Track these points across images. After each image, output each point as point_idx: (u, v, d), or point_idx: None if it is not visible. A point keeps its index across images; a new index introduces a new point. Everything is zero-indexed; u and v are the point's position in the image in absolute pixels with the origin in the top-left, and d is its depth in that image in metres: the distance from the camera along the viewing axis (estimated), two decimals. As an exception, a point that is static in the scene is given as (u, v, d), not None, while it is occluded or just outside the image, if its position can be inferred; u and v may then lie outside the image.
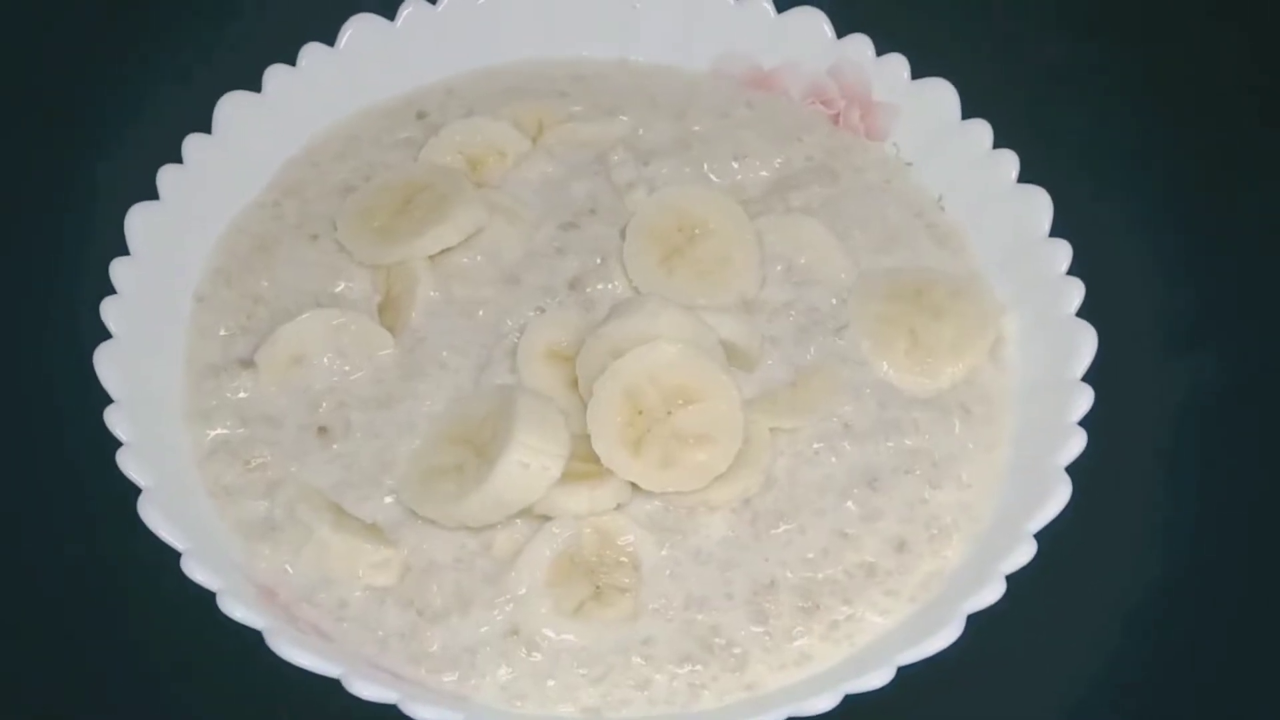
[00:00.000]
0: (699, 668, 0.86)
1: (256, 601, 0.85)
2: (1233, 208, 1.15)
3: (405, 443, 0.93)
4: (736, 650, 0.87)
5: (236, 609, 0.81)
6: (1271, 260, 1.13)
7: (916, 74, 1.09)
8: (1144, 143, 1.19)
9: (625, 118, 1.10)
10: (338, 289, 1.01)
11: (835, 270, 1.02)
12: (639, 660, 0.86)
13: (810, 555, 0.90)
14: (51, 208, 1.10)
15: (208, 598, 0.82)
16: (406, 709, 0.79)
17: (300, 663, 0.80)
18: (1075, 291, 0.97)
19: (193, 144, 1.03)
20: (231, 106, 1.06)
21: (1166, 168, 1.17)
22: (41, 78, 1.20)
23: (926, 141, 1.08)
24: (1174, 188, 1.16)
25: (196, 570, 0.82)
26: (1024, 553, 0.85)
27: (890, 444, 0.95)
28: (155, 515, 0.84)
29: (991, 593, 0.84)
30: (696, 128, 1.10)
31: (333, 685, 0.81)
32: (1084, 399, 0.91)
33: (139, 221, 0.99)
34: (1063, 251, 0.99)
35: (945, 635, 0.82)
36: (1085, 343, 0.94)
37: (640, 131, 1.09)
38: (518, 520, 0.90)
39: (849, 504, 0.92)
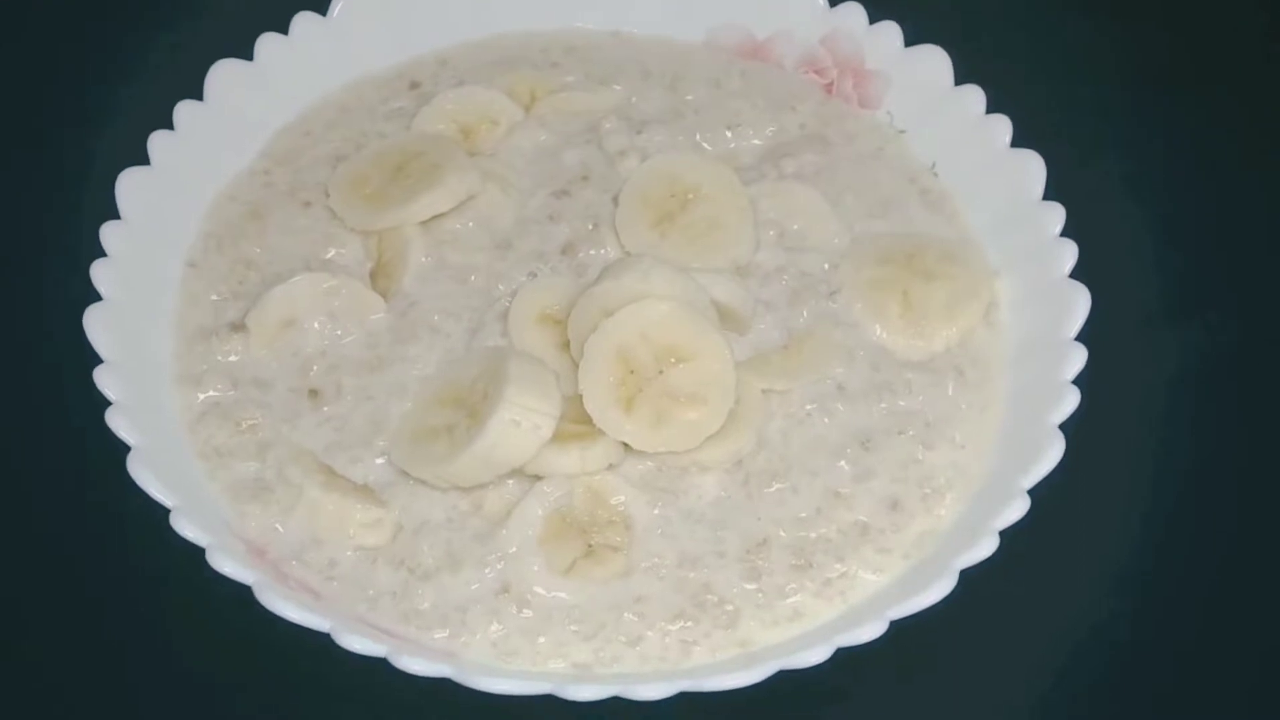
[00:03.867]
0: (690, 624, 0.86)
1: (246, 559, 0.85)
2: (1227, 172, 1.15)
3: (396, 405, 0.93)
4: (729, 607, 0.87)
5: (225, 564, 0.81)
6: (1263, 224, 1.13)
7: (909, 41, 1.09)
8: (1137, 106, 1.18)
9: (618, 87, 1.11)
10: (329, 255, 1.01)
11: (828, 235, 1.02)
12: (631, 617, 0.86)
13: (803, 514, 0.90)
14: (43, 171, 1.10)
15: (197, 555, 0.82)
16: (396, 662, 0.79)
17: (289, 616, 0.79)
18: (1068, 253, 0.97)
19: (184, 110, 1.03)
20: (223, 74, 1.06)
21: (1160, 132, 1.16)
22: (32, 41, 1.20)
23: (919, 109, 1.08)
24: (1168, 152, 1.15)
25: (186, 527, 0.82)
26: (1017, 508, 0.85)
27: (883, 405, 0.95)
28: (145, 473, 0.84)
29: (984, 548, 0.83)
30: (689, 97, 1.10)
31: (322, 642, 0.80)
32: (1077, 358, 0.91)
33: (130, 186, 0.98)
34: (1055, 215, 0.99)
35: (937, 589, 0.81)
36: (1078, 303, 0.94)
37: (633, 100, 1.10)
38: (509, 480, 0.89)
39: (842, 464, 0.92)
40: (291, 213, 1.03)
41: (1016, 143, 1.03)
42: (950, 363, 0.97)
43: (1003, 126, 1.03)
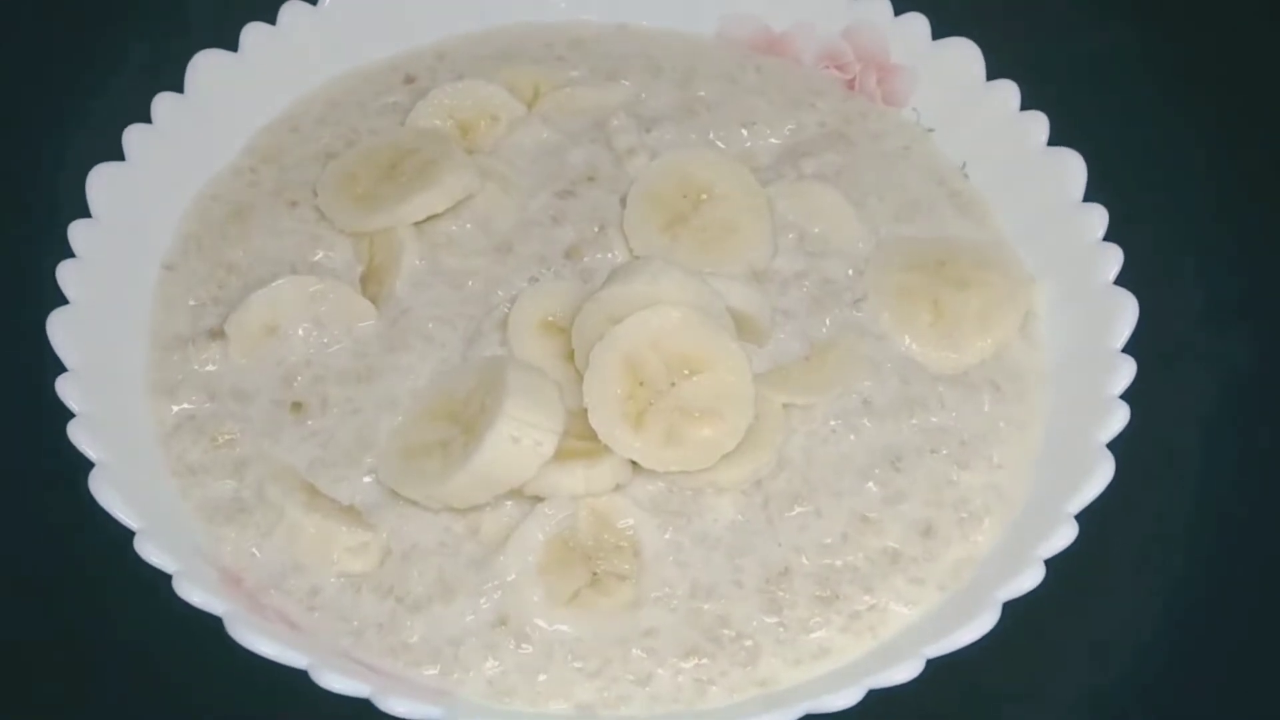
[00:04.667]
0: (706, 661, 0.81)
1: (219, 587, 0.80)
2: (1275, 172, 1.10)
3: (386, 419, 0.89)
4: (747, 643, 0.82)
5: (194, 593, 0.76)
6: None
7: (937, 34, 1.05)
8: (1184, 103, 1.13)
9: (627, 83, 1.07)
10: (316, 258, 0.97)
11: (851, 239, 0.99)
12: (640, 653, 0.81)
13: (828, 540, 0.86)
14: (10, 165, 1.07)
15: (165, 583, 0.77)
16: (381, 703, 0.73)
17: (263, 652, 0.74)
18: (1112, 258, 0.93)
19: (163, 104, 1.00)
20: (206, 66, 1.02)
21: (1209, 129, 1.12)
22: (2, 27, 1.16)
23: (949, 106, 1.04)
24: (1217, 149, 1.10)
25: (152, 551, 0.78)
26: (1064, 535, 0.81)
27: (914, 422, 0.90)
28: (108, 491, 0.80)
29: (1029, 579, 0.79)
30: (702, 93, 1.07)
31: (300, 680, 0.74)
32: (1125, 370, 0.87)
33: (103, 182, 0.95)
34: (1098, 217, 0.95)
35: (979, 625, 0.77)
36: (1125, 311, 0.90)
37: (642, 97, 1.07)
38: (507, 502, 0.85)
39: (870, 485, 0.88)
40: (277, 213, 0.99)
41: (1053, 141, 0.99)
42: (985, 376, 0.93)
43: (1038, 124, 0.99)
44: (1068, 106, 0.99)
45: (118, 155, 0.96)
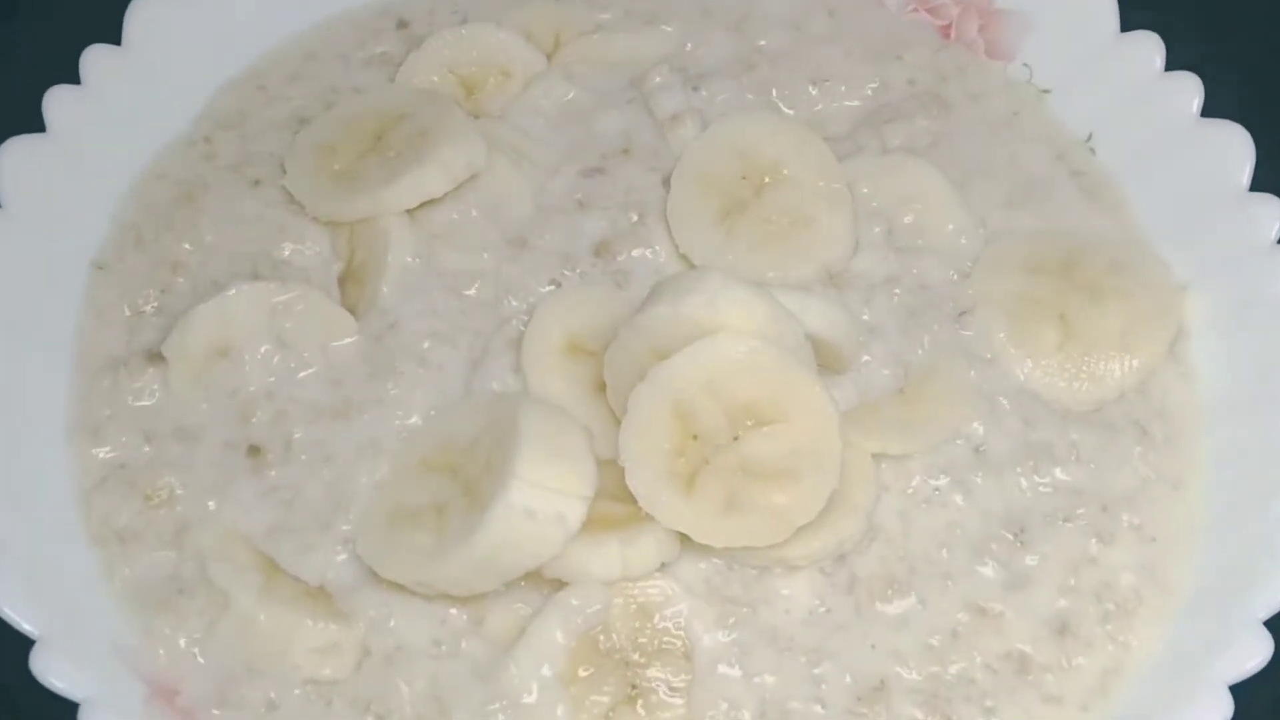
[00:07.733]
0: None
1: (145, 709, 0.70)
2: None
3: (367, 470, 0.81)
4: None
5: None
6: None
7: None
8: None
9: (669, 29, 0.99)
10: (284, 254, 0.89)
11: (953, 233, 0.89)
12: None
13: (934, 641, 0.76)
14: None
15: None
16: None
17: None
18: None
19: (96, 58, 0.92)
20: (150, 11, 0.94)
21: None
22: None
23: (1070, 61, 0.95)
24: None
25: (53, 668, 0.68)
26: (1253, 651, 0.70)
27: (1040, 479, 0.80)
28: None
29: (1209, 712, 0.67)
30: (762, 43, 0.99)
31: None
32: None
33: (18, 160, 0.87)
34: (1270, 211, 0.85)
35: None
36: None
37: (689, 47, 0.99)
38: (521, 585, 0.76)
39: (986, 567, 0.78)
40: (237, 195, 0.91)
41: (1208, 111, 0.89)
42: (1128, 415, 0.83)
43: (1188, 88, 0.89)
44: (1227, 68, 0.89)
45: (37, 126, 0.88)
